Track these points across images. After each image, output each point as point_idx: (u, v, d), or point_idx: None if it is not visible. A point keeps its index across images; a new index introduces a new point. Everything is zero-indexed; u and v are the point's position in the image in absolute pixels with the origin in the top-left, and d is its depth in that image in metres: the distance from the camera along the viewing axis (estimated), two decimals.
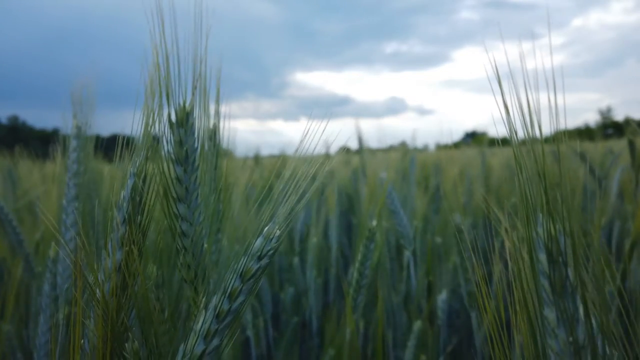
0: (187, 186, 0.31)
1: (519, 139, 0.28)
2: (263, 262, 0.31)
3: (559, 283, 0.27)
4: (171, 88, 0.29)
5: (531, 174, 0.27)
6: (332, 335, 0.88)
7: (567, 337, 0.27)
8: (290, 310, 1.14)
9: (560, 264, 0.27)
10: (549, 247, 0.27)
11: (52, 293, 0.45)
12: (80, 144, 0.45)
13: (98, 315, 0.31)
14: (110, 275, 0.32)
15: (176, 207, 0.32)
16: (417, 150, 1.39)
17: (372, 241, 0.73)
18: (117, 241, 0.32)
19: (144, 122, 0.30)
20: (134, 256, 0.31)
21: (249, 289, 0.31)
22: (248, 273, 0.31)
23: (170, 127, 0.30)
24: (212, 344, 0.31)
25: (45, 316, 0.45)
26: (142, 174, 0.31)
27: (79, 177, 0.45)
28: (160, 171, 0.31)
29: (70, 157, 0.45)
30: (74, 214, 0.44)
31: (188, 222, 0.32)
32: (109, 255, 0.32)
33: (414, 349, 0.82)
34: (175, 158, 0.31)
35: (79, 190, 0.45)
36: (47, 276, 0.45)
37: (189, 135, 0.31)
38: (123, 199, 0.31)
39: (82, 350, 0.32)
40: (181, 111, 0.30)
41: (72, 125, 0.45)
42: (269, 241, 0.31)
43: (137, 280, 0.32)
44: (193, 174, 0.32)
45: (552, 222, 0.27)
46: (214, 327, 0.30)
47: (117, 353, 0.32)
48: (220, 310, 0.30)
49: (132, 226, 0.31)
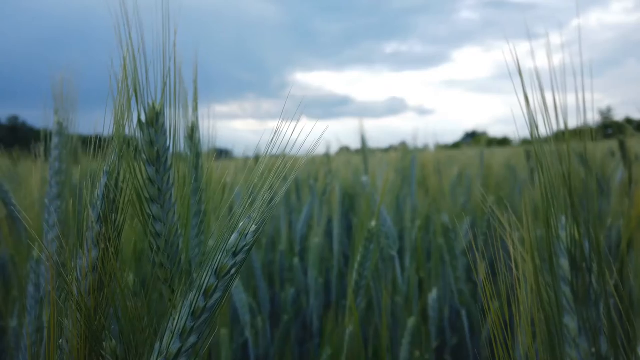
0: (160, 186, 0.31)
1: (540, 137, 0.26)
2: (239, 258, 0.31)
3: (582, 290, 0.26)
4: (139, 87, 0.29)
5: (554, 174, 0.26)
6: (330, 334, 0.88)
7: (589, 348, 0.25)
8: (290, 310, 1.14)
9: (584, 271, 0.26)
10: (573, 253, 0.26)
11: (37, 294, 0.45)
12: (62, 142, 0.45)
13: (75, 314, 0.32)
14: (87, 273, 0.32)
15: (149, 207, 0.32)
16: (417, 150, 1.39)
17: (372, 242, 0.73)
18: (93, 240, 0.32)
19: (115, 121, 0.30)
20: (110, 254, 0.31)
21: (225, 286, 0.31)
22: (223, 269, 0.31)
23: (140, 127, 0.30)
24: (189, 341, 0.31)
25: (31, 318, 0.45)
26: (115, 173, 0.31)
27: (60, 175, 0.44)
28: (131, 171, 0.31)
29: (52, 154, 0.45)
30: (56, 213, 0.44)
31: (161, 223, 0.32)
32: (85, 254, 0.32)
33: (408, 345, 0.82)
34: (147, 158, 0.31)
35: (61, 189, 0.44)
36: (31, 277, 0.45)
37: (160, 135, 0.31)
38: (97, 197, 0.31)
39: (61, 349, 0.33)
40: (151, 111, 0.30)
41: (54, 121, 0.45)
42: (243, 237, 0.31)
43: (114, 278, 0.32)
44: (165, 174, 0.32)
45: (577, 226, 0.26)
46: (190, 325, 0.30)
47: (95, 351, 0.32)
48: (196, 308, 0.30)
49: (107, 225, 0.32)
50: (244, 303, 0.92)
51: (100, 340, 0.32)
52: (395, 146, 1.73)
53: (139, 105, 0.29)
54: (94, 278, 0.32)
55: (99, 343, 0.32)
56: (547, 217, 0.27)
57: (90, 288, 0.32)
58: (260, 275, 1.07)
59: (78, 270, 0.32)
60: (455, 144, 2.25)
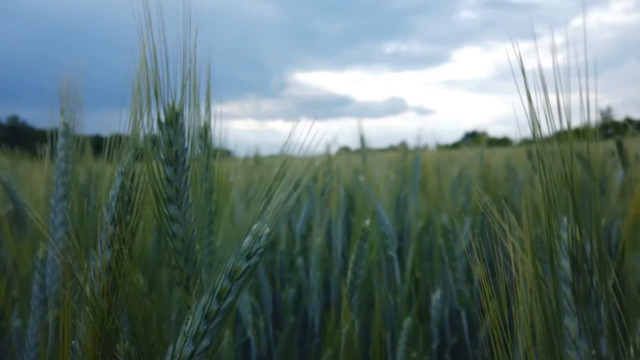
0: (178, 187, 0.31)
1: (543, 137, 0.26)
2: (252, 261, 0.31)
3: (583, 292, 0.26)
4: (160, 87, 0.29)
5: (556, 174, 0.26)
6: (331, 335, 0.87)
7: (589, 349, 0.25)
8: (291, 310, 1.14)
9: (586, 272, 0.25)
10: (574, 254, 0.26)
11: (41, 295, 0.45)
12: (68, 142, 0.45)
13: (88, 315, 0.31)
14: (101, 275, 0.32)
15: (166, 208, 0.31)
16: (418, 150, 1.39)
17: (366, 241, 0.74)
18: (107, 241, 0.32)
19: (132, 121, 0.30)
20: (124, 256, 0.31)
21: (238, 289, 0.31)
22: (237, 272, 0.30)
23: (160, 127, 0.30)
24: (202, 344, 0.31)
25: (35, 318, 0.45)
26: (130, 173, 0.31)
27: (67, 175, 0.44)
28: (149, 171, 0.30)
29: (58, 155, 0.45)
30: (62, 214, 0.43)
31: (179, 224, 0.32)
32: (99, 255, 0.32)
33: (404, 346, 0.82)
34: (165, 158, 0.31)
35: (67, 190, 0.44)
36: (36, 277, 0.45)
37: (179, 135, 0.31)
38: (112, 198, 0.31)
39: (73, 350, 0.32)
40: (170, 111, 0.30)
41: (59, 122, 0.45)
42: (257, 239, 0.31)
43: (127, 280, 0.32)
44: (183, 175, 0.31)
45: (579, 227, 0.25)
46: (203, 328, 0.30)
47: (107, 353, 0.32)
48: (209, 311, 0.30)
49: (121, 226, 0.31)
50: (245, 303, 0.92)
51: (114, 342, 0.32)
52: (395, 146, 1.73)
53: (158, 105, 0.29)
54: (108, 279, 0.32)
55: (112, 345, 0.32)
56: (548, 218, 0.26)
57: (103, 289, 0.32)
58: (263, 275, 1.07)
59: (91, 272, 0.32)
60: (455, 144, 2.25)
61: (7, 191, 0.74)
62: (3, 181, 0.73)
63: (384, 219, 0.96)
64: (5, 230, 0.77)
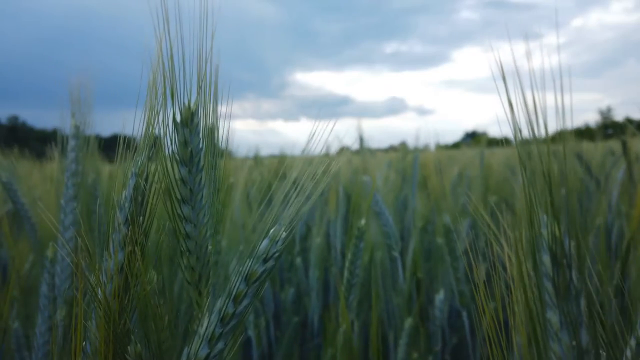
0: (192, 187, 0.31)
1: (523, 139, 0.27)
2: (269, 265, 0.30)
3: (563, 286, 0.27)
4: (176, 87, 0.28)
5: (536, 174, 0.27)
6: (331, 335, 0.87)
7: (570, 341, 0.27)
8: (291, 310, 1.14)
9: (565, 267, 0.27)
10: (553, 249, 0.27)
11: (51, 294, 0.45)
12: (78, 144, 0.45)
13: (100, 317, 0.31)
14: (112, 276, 0.31)
15: (180, 208, 0.31)
16: (417, 151, 1.39)
17: (362, 240, 0.74)
18: (119, 242, 0.31)
19: (146, 121, 0.29)
20: (137, 257, 0.31)
21: (254, 292, 0.31)
22: (253, 276, 0.30)
23: (175, 127, 0.30)
24: (217, 347, 0.30)
25: (44, 317, 0.45)
26: (144, 173, 0.31)
27: (77, 176, 0.44)
28: (163, 172, 0.30)
29: (69, 156, 0.45)
30: (72, 214, 0.43)
31: (192, 224, 0.31)
32: (111, 256, 0.31)
33: (405, 347, 0.82)
34: (180, 158, 0.30)
35: (77, 190, 0.44)
36: (45, 277, 0.44)
37: (194, 135, 0.30)
38: (125, 198, 0.31)
39: (84, 352, 0.32)
40: (186, 111, 0.29)
41: (70, 124, 0.45)
42: (274, 243, 0.30)
43: (140, 281, 0.31)
44: (198, 175, 0.31)
45: (557, 224, 0.27)
46: (219, 331, 0.30)
47: (119, 355, 0.32)
48: (225, 314, 0.30)
49: (134, 226, 0.31)
50: None
51: (125, 344, 0.32)
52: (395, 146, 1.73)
53: (174, 105, 0.29)
54: (120, 280, 0.31)
55: (123, 347, 0.32)
56: (530, 216, 0.27)
57: (115, 291, 0.31)
58: None
59: (103, 273, 0.32)
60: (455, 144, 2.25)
61: (7, 191, 0.73)
62: (3, 181, 0.73)
63: (388, 218, 0.96)
64: (5, 230, 0.76)
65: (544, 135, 0.27)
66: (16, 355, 0.67)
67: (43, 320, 0.46)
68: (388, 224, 0.97)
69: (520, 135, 0.27)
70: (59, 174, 0.46)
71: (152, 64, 0.28)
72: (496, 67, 0.27)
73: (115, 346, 0.31)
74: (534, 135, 0.27)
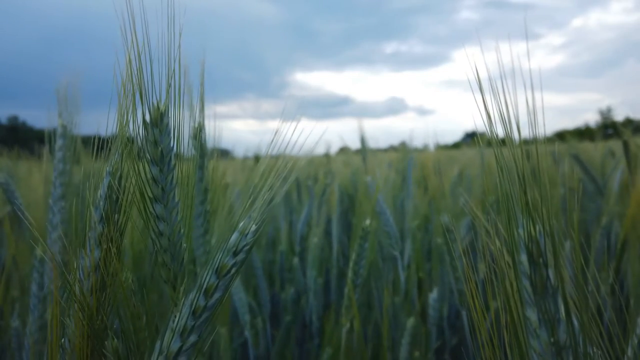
0: (164, 186, 0.32)
1: (498, 140, 0.28)
2: (239, 258, 0.31)
3: (539, 284, 0.27)
4: (144, 87, 0.29)
5: (511, 174, 0.28)
6: (330, 335, 0.88)
7: (548, 338, 0.27)
8: (290, 310, 1.14)
9: (541, 265, 0.27)
10: (530, 248, 0.27)
11: (40, 293, 0.46)
12: (65, 143, 0.46)
13: (77, 313, 0.32)
14: (89, 273, 0.32)
15: (152, 206, 0.32)
16: (417, 151, 1.39)
17: (366, 241, 0.74)
18: (95, 240, 0.32)
19: (118, 121, 0.30)
20: (112, 255, 0.32)
21: (225, 285, 0.31)
22: (224, 269, 0.31)
23: (145, 127, 0.30)
24: (189, 340, 0.31)
25: (34, 316, 0.45)
26: (118, 173, 0.31)
27: (64, 176, 0.45)
28: (135, 171, 0.31)
29: (56, 156, 0.45)
30: (60, 213, 0.44)
31: (165, 222, 0.32)
32: (87, 254, 0.32)
33: (407, 346, 0.82)
34: (151, 158, 0.31)
35: (65, 190, 0.45)
36: (34, 276, 0.45)
37: (164, 135, 0.31)
38: (100, 197, 0.32)
39: (62, 348, 0.33)
40: (155, 111, 0.30)
41: (58, 124, 0.45)
42: (244, 236, 0.31)
43: (116, 278, 0.32)
44: (169, 174, 0.32)
45: (532, 223, 0.27)
46: (191, 324, 0.31)
47: (97, 351, 0.32)
48: (196, 307, 0.31)
49: (109, 225, 0.32)
50: (243, 303, 0.92)
51: (103, 339, 0.32)
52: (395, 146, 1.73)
53: (143, 105, 0.30)
54: (97, 278, 0.32)
55: (101, 342, 0.32)
56: (508, 216, 0.28)
57: (92, 288, 0.32)
58: (261, 275, 1.08)
59: (80, 270, 0.32)
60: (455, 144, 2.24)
61: (6, 192, 0.74)
62: (1, 182, 0.74)
63: (388, 218, 0.96)
64: (5, 230, 0.77)
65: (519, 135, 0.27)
66: (16, 354, 0.67)
67: (33, 320, 0.47)
68: (389, 224, 0.97)
69: (497, 137, 0.28)
70: (48, 174, 0.47)
71: (122, 64, 0.29)
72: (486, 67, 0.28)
73: (93, 342, 0.32)
74: (509, 136, 0.27)
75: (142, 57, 0.28)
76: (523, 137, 0.27)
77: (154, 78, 0.29)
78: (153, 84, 0.29)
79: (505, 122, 0.27)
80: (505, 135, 0.28)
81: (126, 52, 0.28)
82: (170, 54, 0.29)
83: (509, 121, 0.27)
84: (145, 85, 0.29)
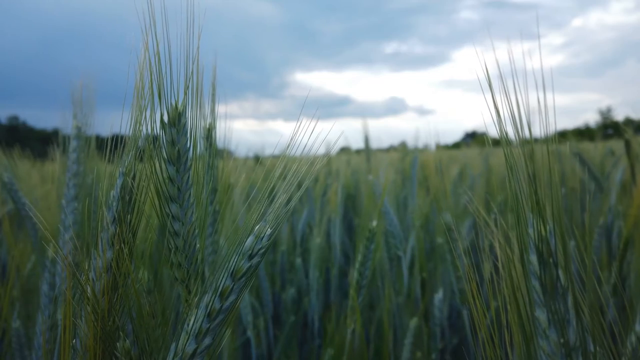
0: (180, 186, 0.31)
1: (511, 140, 0.28)
2: (254, 261, 0.31)
3: (549, 284, 0.27)
4: (163, 87, 0.29)
5: (522, 174, 0.27)
6: (332, 335, 0.88)
7: (558, 338, 0.27)
8: (291, 310, 1.14)
9: (551, 265, 0.27)
10: (540, 248, 0.27)
11: (51, 293, 0.45)
12: (80, 145, 0.46)
13: (89, 314, 0.32)
14: (101, 274, 0.32)
15: (168, 206, 0.32)
16: (418, 151, 1.39)
17: (372, 242, 0.74)
18: (108, 240, 0.32)
19: (134, 121, 0.30)
20: (125, 255, 0.31)
21: (240, 288, 0.31)
22: (239, 272, 0.31)
23: (162, 127, 0.30)
24: (204, 342, 0.31)
25: (44, 316, 0.45)
26: (132, 173, 0.31)
27: (78, 177, 0.45)
28: (151, 171, 0.31)
29: (70, 157, 0.46)
30: (73, 214, 0.44)
31: (180, 222, 0.32)
32: (100, 254, 0.32)
33: (410, 346, 0.82)
34: (168, 158, 0.31)
35: (78, 191, 0.45)
36: (46, 276, 0.45)
37: (182, 135, 0.31)
38: (113, 198, 0.31)
39: (74, 349, 0.32)
40: (173, 111, 0.30)
41: (72, 125, 0.46)
42: (259, 240, 0.31)
43: (128, 279, 0.32)
44: (185, 174, 0.32)
45: (543, 223, 0.27)
46: (206, 326, 0.30)
47: (108, 352, 0.32)
48: (211, 309, 0.30)
49: (122, 225, 0.31)
50: (246, 303, 0.92)
51: (114, 340, 0.32)
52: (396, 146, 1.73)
53: (161, 105, 0.29)
54: (108, 279, 0.32)
55: (112, 343, 0.32)
56: (518, 216, 0.28)
57: (104, 289, 0.32)
58: (263, 276, 1.07)
59: (93, 271, 0.32)
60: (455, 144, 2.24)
61: (8, 191, 0.74)
62: (4, 181, 0.73)
63: (392, 218, 0.96)
64: (5, 230, 0.77)
65: (530, 136, 0.27)
66: (17, 354, 0.67)
67: (44, 320, 0.46)
68: (393, 224, 0.97)
69: (507, 137, 0.28)
70: (61, 175, 0.47)
71: (139, 65, 0.29)
72: (486, 68, 0.28)
73: (104, 343, 0.32)
74: (521, 136, 0.27)
75: (162, 58, 0.28)
76: (528, 137, 0.27)
77: (172, 78, 0.29)
78: (172, 84, 0.29)
79: (513, 122, 0.27)
80: (515, 134, 0.27)
81: (142, 52, 0.28)
82: (188, 55, 0.29)
83: (517, 121, 0.27)
84: (164, 85, 0.29)
